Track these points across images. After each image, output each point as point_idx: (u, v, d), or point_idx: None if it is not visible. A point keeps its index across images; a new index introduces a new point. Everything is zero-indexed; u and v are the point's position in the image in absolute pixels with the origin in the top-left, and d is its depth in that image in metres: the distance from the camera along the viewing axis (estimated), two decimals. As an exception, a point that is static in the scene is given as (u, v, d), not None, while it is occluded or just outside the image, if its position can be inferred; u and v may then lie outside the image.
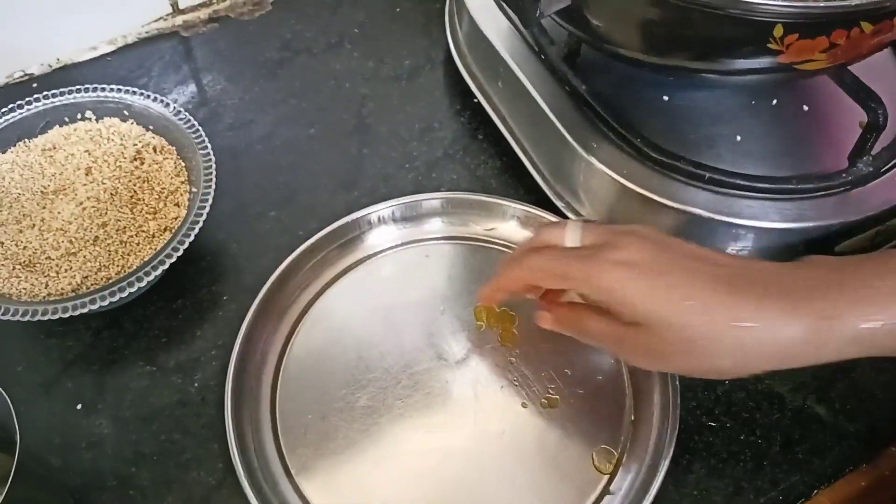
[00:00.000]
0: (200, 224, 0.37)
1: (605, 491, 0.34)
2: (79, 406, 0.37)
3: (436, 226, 0.42)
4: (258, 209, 0.44)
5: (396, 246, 0.42)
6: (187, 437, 0.36)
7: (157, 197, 0.39)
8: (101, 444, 0.36)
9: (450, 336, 0.38)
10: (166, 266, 0.36)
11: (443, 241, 0.42)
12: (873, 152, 0.37)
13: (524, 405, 0.36)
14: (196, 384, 0.38)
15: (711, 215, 0.36)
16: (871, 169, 0.36)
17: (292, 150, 0.47)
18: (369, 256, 0.41)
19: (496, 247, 0.42)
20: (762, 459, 0.35)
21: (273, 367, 0.38)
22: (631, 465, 0.35)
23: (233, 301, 0.40)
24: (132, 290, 0.35)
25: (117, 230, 0.38)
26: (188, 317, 0.40)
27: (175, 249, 0.36)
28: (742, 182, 0.36)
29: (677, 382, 0.35)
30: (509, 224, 0.42)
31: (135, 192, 0.39)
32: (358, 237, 0.42)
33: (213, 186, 0.38)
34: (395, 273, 0.41)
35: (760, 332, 0.27)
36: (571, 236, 0.31)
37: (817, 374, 0.38)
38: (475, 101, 0.47)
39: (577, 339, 0.33)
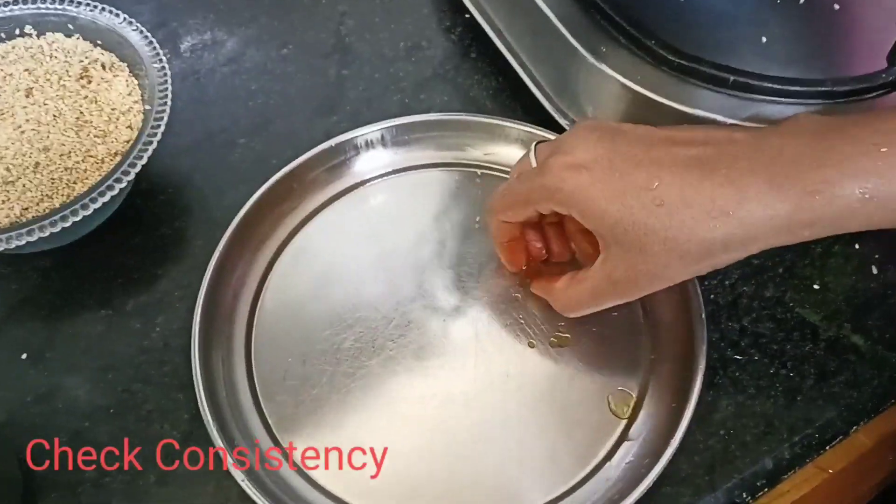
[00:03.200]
0: (154, 145, 0.32)
1: (624, 437, 0.31)
2: (24, 356, 0.33)
3: (430, 151, 0.38)
4: (226, 137, 0.40)
5: (386, 174, 0.38)
6: (149, 386, 0.32)
7: (106, 119, 0.35)
8: (50, 396, 0.32)
9: (447, 271, 0.35)
10: (115, 192, 0.31)
11: (438, 168, 0.38)
12: (916, 50, 0.33)
13: (531, 345, 0.33)
14: (158, 329, 0.34)
15: (737, 123, 0.32)
16: (913, 69, 0.33)
17: (264, 72, 0.42)
18: (356, 185, 0.38)
19: (496, 173, 0.38)
20: (795, 395, 0.32)
21: (248, 307, 0.34)
22: (652, 409, 0.31)
23: (198, 238, 0.36)
24: (76, 219, 0.30)
25: (61, 155, 0.34)
26: (148, 256, 0.36)
27: (125, 173, 0.31)
28: (771, 85, 0.32)
29: (703, 316, 0.32)
30: (510, 148, 0.38)
31: (81, 113, 0.35)
32: (342, 164, 0.38)
33: (169, 103, 0.33)
34: (386, 203, 0.37)
35: (746, 216, 0.25)
36: (531, 158, 0.29)
37: (852, 300, 0.35)
38: (467, 16, 0.43)
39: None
